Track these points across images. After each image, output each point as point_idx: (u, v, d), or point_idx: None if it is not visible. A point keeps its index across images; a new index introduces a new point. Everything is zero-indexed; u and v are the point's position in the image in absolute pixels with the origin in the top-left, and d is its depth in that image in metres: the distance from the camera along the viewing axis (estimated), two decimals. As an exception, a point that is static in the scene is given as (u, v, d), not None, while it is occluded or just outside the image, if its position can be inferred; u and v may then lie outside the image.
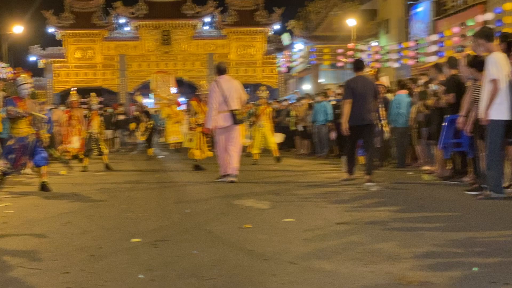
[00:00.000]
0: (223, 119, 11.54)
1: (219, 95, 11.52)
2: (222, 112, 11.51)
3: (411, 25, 38.57)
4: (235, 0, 55.59)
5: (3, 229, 6.51)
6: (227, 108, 11.51)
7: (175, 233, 6.11)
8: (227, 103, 11.50)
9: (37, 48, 53.48)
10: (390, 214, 7.09)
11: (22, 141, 10.43)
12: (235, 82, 12.20)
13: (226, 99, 11.51)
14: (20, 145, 10.41)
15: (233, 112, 11.57)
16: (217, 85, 11.63)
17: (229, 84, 11.82)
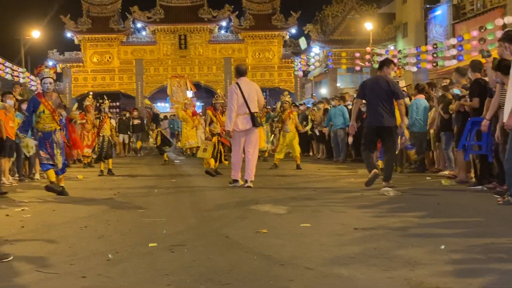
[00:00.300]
0: (243, 121, 11.40)
1: (240, 97, 11.36)
2: (242, 114, 11.38)
3: (429, 28, 38.43)
4: (251, 4, 55.71)
5: (20, 234, 6.52)
6: (247, 111, 11.37)
7: (191, 238, 6.08)
8: (247, 105, 11.36)
9: (55, 53, 53.88)
10: (409, 219, 7.02)
11: (49, 137, 10.45)
12: (255, 84, 12.07)
13: (246, 101, 11.37)
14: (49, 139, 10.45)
15: (253, 115, 11.43)
16: (238, 87, 11.47)
17: (249, 86, 11.68)
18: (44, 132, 10.48)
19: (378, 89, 10.41)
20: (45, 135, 10.47)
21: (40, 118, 10.50)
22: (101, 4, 55.29)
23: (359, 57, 40.93)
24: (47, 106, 10.45)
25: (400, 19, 44.55)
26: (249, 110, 11.38)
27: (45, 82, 10.60)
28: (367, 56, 39.22)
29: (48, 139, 10.44)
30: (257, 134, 11.86)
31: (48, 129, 10.48)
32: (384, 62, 10.98)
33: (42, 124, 10.48)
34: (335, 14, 47.43)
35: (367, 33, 40.94)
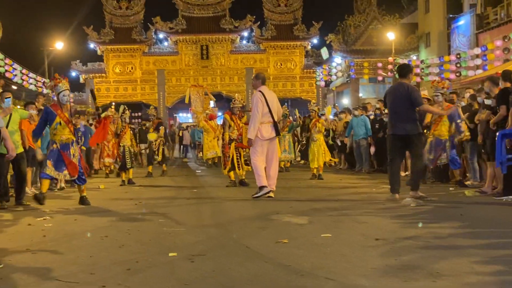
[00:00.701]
0: (267, 129, 11.32)
1: (265, 106, 11.29)
2: (266, 123, 11.31)
3: (452, 38, 38.20)
4: (273, 14, 55.84)
5: (42, 242, 6.55)
6: (271, 119, 11.34)
7: (212, 248, 6.06)
8: (271, 113, 11.32)
9: (78, 64, 54.35)
10: (431, 230, 6.95)
11: (67, 148, 10.54)
12: (274, 93, 12.04)
13: (270, 109, 11.31)
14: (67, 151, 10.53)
15: (276, 123, 11.43)
16: (263, 95, 11.39)
17: (271, 95, 11.65)
18: (61, 144, 10.55)
19: (398, 96, 10.35)
20: (63, 147, 10.54)
21: (56, 130, 10.58)
22: (124, 15, 55.69)
23: (381, 67, 40.84)
24: (63, 118, 10.57)
25: (422, 29, 44.36)
26: (273, 118, 11.34)
27: (64, 95, 10.84)
28: (389, 66, 39.11)
29: (66, 151, 10.53)
30: (277, 143, 11.89)
31: (66, 141, 10.59)
32: (402, 69, 10.89)
33: (59, 136, 10.56)
34: (357, 24, 47.32)
35: (390, 43, 40.82)
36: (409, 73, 10.69)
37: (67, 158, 10.50)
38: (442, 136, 13.04)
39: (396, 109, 10.33)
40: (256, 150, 11.42)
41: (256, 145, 11.38)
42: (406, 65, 11.47)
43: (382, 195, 11.42)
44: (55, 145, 10.57)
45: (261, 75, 12.02)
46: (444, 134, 13.03)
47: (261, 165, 11.31)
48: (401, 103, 10.26)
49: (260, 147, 11.36)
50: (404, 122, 10.23)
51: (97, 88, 54.08)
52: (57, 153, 10.51)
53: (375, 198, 10.88)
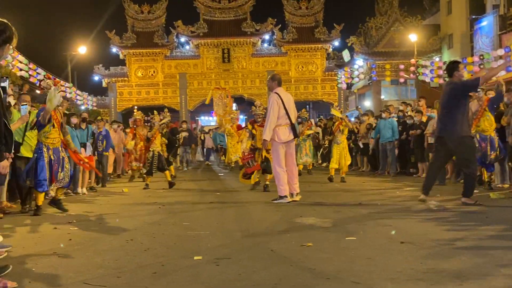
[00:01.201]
0: (285, 132, 11.04)
1: (282, 108, 10.99)
2: (284, 125, 11.04)
3: (475, 39, 37.93)
4: (294, 17, 55.94)
5: (68, 246, 6.60)
6: (288, 121, 11.07)
7: (236, 251, 6.07)
8: (288, 116, 11.04)
9: (100, 68, 54.74)
10: (457, 232, 6.91)
11: (58, 153, 10.26)
12: (290, 95, 11.80)
13: (287, 111, 11.03)
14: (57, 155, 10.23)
15: (294, 125, 11.15)
16: (280, 97, 11.08)
17: (287, 96, 11.36)
18: (53, 148, 10.24)
19: (442, 96, 10.11)
20: (54, 151, 10.23)
21: (50, 133, 10.24)
22: (146, 20, 56.04)
23: (403, 69, 40.64)
24: (56, 120, 10.31)
25: (445, 30, 44.10)
26: (290, 121, 11.08)
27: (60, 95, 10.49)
28: (411, 68, 38.93)
29: (57, 154, 10.26)
30: (294, 146, 11.59)
31: (57, 144, 10.33)
32: (453, 67, 10.19)
33: (52, 139, 10.26)
34: (378, 26, 47.17)
35: (412, 45, 40.63)
36: (454, 71, 10.04)
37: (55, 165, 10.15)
38: (486, 132, 12.60)
39: (443, 110, 9.95)
40: (277, 156, 11.11)
41: (276, 150, 11.11)
42: (450, 63, 10.70)
43: (406, 198, 11.38)
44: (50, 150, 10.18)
45: (276, 76, 11.68)
46: (488, 129, 12.61)
47: (284, 176, 10.99)
48: (444, 102, 9.90)
49: (281, 152, 11.07)
50: (444, 123, 9.87)
51: (119, 92, 54.47)
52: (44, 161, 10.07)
53: (399, 201, 10.84)
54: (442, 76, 35.96)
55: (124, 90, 55.04)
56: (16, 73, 30.53)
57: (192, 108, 56.14)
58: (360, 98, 50.73)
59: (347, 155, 16.84)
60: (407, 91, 46.56)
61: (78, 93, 46.19)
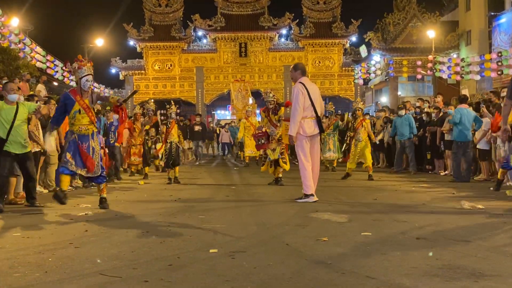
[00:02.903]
0: (310, 125, 10.22)
1: (307, 99, 10.17)
2: (309, 118, 10.22)
3: (493, 36, 37.68)
4: (312, 12, 55.85)
5: (84, 237, 6.64)
6: (314, 114, 10.25)
7: (252, 245, 6.09)
8: (314, 108, 10.22)
9: (117, 61, 54.93)
10: (472, 229, 6.88)
11: (86, 141, 9.50)
12: (316, 86, 10.88)
13: (313, 103, 10.20)
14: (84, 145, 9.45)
15: (320, 119, 10.35)
16: (304, 87, 10.24)
17: (313, 87, 10.50)
18: (80, 135, 9.46)
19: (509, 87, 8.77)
20: (81, 139, 9.45)
21: (75, 119, 9.49)
22: (163, 13, 56.15)
23: (420, 65, 40.46)
24: (82, 105, 9.48)
25: (463, 27, 43.84)
26: (316, 113, 10.26)
27: (88, 80, 9.62)
28: (429, 64, 38.73)
29: (85, 143, 9.46)
30: (319, 141, 10.78)
31: (85, 132, 9.51)
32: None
33: (78, 126, 9.48)
34: (396, 22, 46.98)
35: (429, 41, 40.43)
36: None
37: (84, 152, 9.41)
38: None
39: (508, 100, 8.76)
40: (303, 149, 10.29)
41: (301, 144, 10.27)
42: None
43: (421, 194, 11.35)
44: (74, 135, 9.46)
45: (299, 65, 10.83)
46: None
47: (309, 172, 10.21)
48: None
49: (304, 145, 10.25)
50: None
51: (136, 85, 54.62)
52: (75, 145, 9.41)
53: (414, 197, 10.82)
54: (459, 72, 35.76)
55: (141, 83, 55.20)
56: (34, 64, 30.70)
57: (209, 102, 56.23)
58: (377, 94, 50.58)
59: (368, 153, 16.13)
60: (424, 87, 46.37)
61: (95, 86, 46.37)
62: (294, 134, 10.18)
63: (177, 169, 15.52)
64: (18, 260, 5.36)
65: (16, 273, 4.87)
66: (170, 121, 15.41)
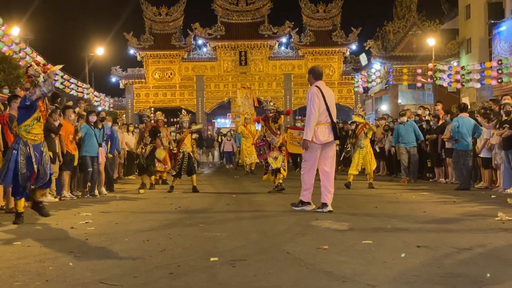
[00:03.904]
0: (324, 132, 9.68)
1: (322, 103, 9.63)
2: (323, 124, 9.69)
3: (493, 44, 37.73)
4: (312, 20, 55.95)
5: (85, 246, 6.63)
6: (329, 120, 9.73)
7: (252, 253, 6.08)
8: (329, 113, 9.71)
9: (118, 69, 55.01)
10: (473, 237, 6.87)
11: (38, 149, 8.85)
12: (331, 91, 10.33)
13: (328, 108, 9.69)
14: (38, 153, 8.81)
15: (335, 125, 9.84)
16: (320, 91, 9.72)
17: (328, 91, 9.96)
18: (34, 145, 8.76)
19: None
20: (36, 148, 8.77)
21: (32, 127, 8.75)
22: (164, 22, 56.24)
23: (421, 73, 40.51)
24: (42, 112, 8.88)
25: (463, 35, 43.89)
26: (331, 119, 9.76)
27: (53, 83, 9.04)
28: (429, 72, 38.75)
29: (39, 152, 8.81)
30: (334, 149, 10.17)
31: (39, 141, 8.88)
32: None
33: (33, 135, 8.78)
34: (396, 30, 47.02)
35: (429, 49, 40.46)
36: None
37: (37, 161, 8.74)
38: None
39: None
40: (310, 157, 9.82)
41: (310, 151, 9.76)
42: None
43: (422, 202, 11.35)
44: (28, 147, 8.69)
45: (314, 68, 10.25)
46: None
47: (310, 178, 9.80)
48: None
49: (314, 154, 9.76)
50: None
51: (136, 94, 54.71)
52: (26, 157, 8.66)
53: (415, 205, 10.80)
54: (460, 80, 35.80)
55: (141, 92, 55.25)
56: (34, 73, 30.70)
57: (209, 111, 56.27)
58: (377, 102, 50.58)
59: (373, 159, 15.93)
60: (424, 95, 46.39)
61: (95, 94, 46.43)
62: (309, 138, 9.60)
63: (194, 177, 15.29)
64: (19, 269, 5.35)
65: (17, 282, 4.86)
66: (183, 130, 15.15)
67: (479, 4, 41.31)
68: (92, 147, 13.90)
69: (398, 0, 47.84)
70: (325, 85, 10.04)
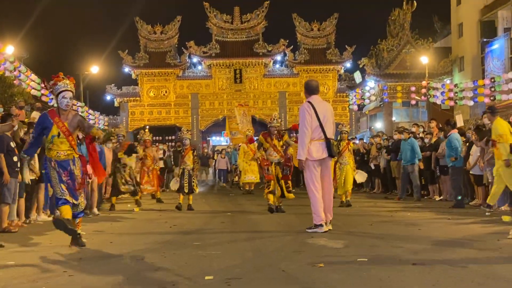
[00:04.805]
0: (317, 148, 9.40)
1: (314, 119, 9.38)
2: (316, 140, 9.42)
3: (486, 62, 37.96)
4: (306, 38, 56.13)
5: (79, 265, 6.60)
6: (322, 136, 9.44)
7: (248, 271, 6.06)
8: (323, 129, 9.43)
9: (113, 87, 55.04)
10: (469, 255, 6.86)
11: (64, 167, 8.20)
12: (329, 105, 10.08)
13: (321, 124, 9.41)
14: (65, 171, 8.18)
15: (329, 141, 9.49)
16: (311, 106, 9.47)
17: (324, 106, 9.68)
18: (58, 162, 8.17)
19: None
20: (61, 165, 8.18)
21: (52, 144, 8.20)
22: (158, 40, 56.35)
23: (414, 91, 40.67)
24: (61, 127, 8.20)
25: (456, 53, 44.15)
26: (325, 135, 9.46)
27: (65, 96, 8.34)
28: (423, 90, 38.91)
29: (66, 169, 8.20)
30: (330, 166, 9.86)
31: (64, 157, 8.21)
32: None
33: (56, 151, 8.20)
34: (390, 48, 47.24)
35: (423, 67, 40.64)
36: None
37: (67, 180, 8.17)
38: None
39: None
40: (310, 175, 9.51)
41: (309, 169, 9.49)
42: None
43: (417, 219, 11.34)
44: (53, 162, 8.17)
45: (309, 82, 9.99)
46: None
47: (318, 199, 9.41)
48: None
49: (312, 171, 9.48)
50: None
51: (131, 112, 54.70)
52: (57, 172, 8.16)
53: (410, 222, 10.80)
54: (453, 98, 35.94)
55: (136, 110, 55.24)
56: (29, 92, 30.73)
57: (204, 128, 56.25)
58: (372, 119, 50.69)
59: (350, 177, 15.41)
60: (418, 113, 46.52)
61: (90, 113, 46.41)
62: (303, 158, 9.37)
63: (191, 196, 15.13)
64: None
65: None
66: (184, 147, 15.02)
67: (471, 22, 41.62)
68: None
69: (391, 19, 48.09)
70: (320, 100, 9.78)
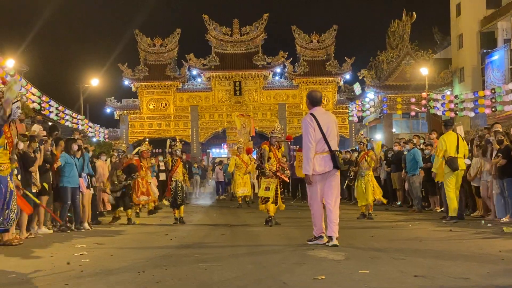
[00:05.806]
0: (320, 162, 9.13)
1: (318, 132, 9.12)
2: (320, 153, 9.14)
3: (486, 73, 38.04)
4: (306, 50, 56.30)
5: (80, 278, 6.57)
6: (326, 148, 9.16)
7: (248, 284, 6.04)
8: (326, 141, 9.15)
9: (112, 100, 55.15)
10: (470, 267, 6.83)
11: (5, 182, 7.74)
12: (332, 116, 9.78)
13: (325, 136, 9.14)
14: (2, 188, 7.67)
15: (334, 154, 9.19)
16: (314, 118, 9.21)
17: (327, 118, 9.42)
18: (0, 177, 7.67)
19: None
20: (1, 180, 7.68)
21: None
22: (158, 52, 56.51)
23: (414, 102, 40.71)
24: (8, 139, 7.79)
25: (456, 64, 44.22)
26: (329, 147, 9.18)
27: (18, 106, 7.76)
28: (422, 101, 38.95)
29: (4, 186, 7.68)
30: (338, 179, 9.41)
31: (5, 172, 7.74)
32: None
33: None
34: (389, 59, 47.32)
35: (423, 78, 40.69)
36: None
37: None
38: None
39: None
40: (310, 189, 9.39)
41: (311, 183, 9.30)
42: None
43: (418, 231, 11.31)
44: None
45: (312, 93, 9.70)
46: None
47: (318, 212, 9.31)
48: None
49: (314, 186, 9.28)
50: None
51: (131, 124, 54.77)
52: None
53: (411, 234, 10.77)
54: (453, 109, 35.96)
55: (135, 122, 55.33)
56: (29, 105, 30.76)
57: (203, 141, 56.31)
58: (371, 131, 50.73)
59: (376, 189, 15.40)
60: (418, 124, 46.55)
61: (90, 125, 46.47)
62: (310, 173, 9.12)
63: (182, 209, 15.00)
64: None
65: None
66: (175, 158, 14.92)
67: (471, 33, 41.73)
68: (74, 178, 13.14)
69: (391, 30, 48.22)
70: (324, 111, 9.57)
